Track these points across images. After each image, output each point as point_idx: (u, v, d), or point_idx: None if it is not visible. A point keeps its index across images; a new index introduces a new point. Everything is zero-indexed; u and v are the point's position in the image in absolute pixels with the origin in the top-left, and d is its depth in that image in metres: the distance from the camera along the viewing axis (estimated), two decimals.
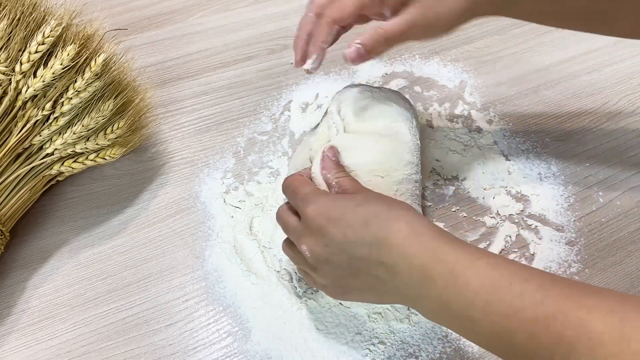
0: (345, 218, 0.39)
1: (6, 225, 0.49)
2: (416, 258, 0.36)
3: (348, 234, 0.38)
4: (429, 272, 0.35)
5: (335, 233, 0.38)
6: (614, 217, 0.55)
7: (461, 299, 0.34)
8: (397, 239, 0.37)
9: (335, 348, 0.46)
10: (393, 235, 0.37)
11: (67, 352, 0.46)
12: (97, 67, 0.49)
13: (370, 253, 0.37)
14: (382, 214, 0.38)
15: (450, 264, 0.35)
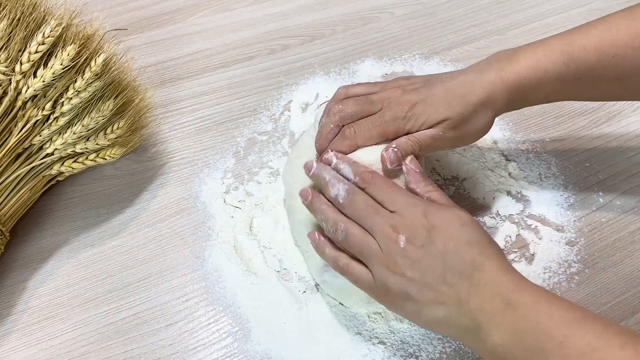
0: (449, 231, 0.39)
1: (6, 225, 0.49)
2: (505, 288, 0.36)
3: (449, 246, 0.38)
4: (513, 301, 0.36)
5: (437, 240, 0.39)
6: (614, 217, 0.55)
7: (540, 329, 0.34)
8: (493, 267, 0.38)
9: (335, 348, 0.46)
10: (490, 263, 0.38)
11: (67, 352, 0.46)
12: (97, 67, 0.49)
13: (463, 271, 0.38)
14: (484, 244, 0.39)
15: (537, 297, 0.36)
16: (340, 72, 0.69)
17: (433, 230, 0.39)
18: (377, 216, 0.41)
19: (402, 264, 0.39)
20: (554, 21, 0.77)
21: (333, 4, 0.79)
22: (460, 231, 0.39)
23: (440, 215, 0.40)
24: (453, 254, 0.38)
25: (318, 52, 0.72)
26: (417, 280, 0.39)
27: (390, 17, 0.78)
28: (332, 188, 0.44)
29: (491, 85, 0.46)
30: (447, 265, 0.38)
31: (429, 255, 0.39)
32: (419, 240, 0.39)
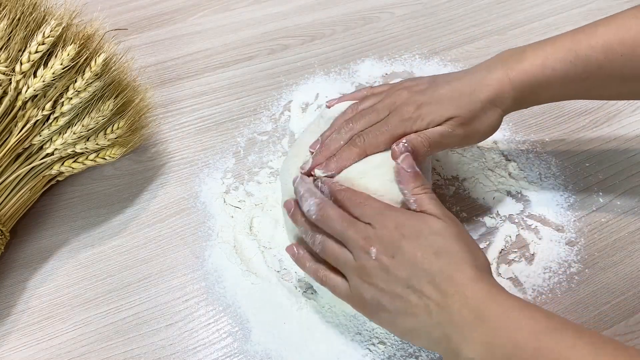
0: (418, 241, 0.39)
1: (6, 225, 0.49)
2: (473, 298, 0.36)
3: (418, 256, 0.38)
4: (482, 312, 0.35)
5: (407, 249, 0.39)
6: (614, 217, 0.55)
7: (510, 342, 0.34)
8: (461, 279, 0.37)
9: (335, 348, 0.46)
10: (459, 274, 0.37)
11: (67, 352, 0.46)
12: (97, 67, 0.49)
13: (431, 281, 0.37)
14: (454, 253, 0.38)
15: (506, 308, 0.35)
16: (340, 72, 0.69)
17: (403, 240, 0.39)
18: (350, 229, 0.41)
19: (374, 274, 0.39)
20: (554, 21, 0.77)
21: (333, 4, 0.79)
22: (430, 241, 0.39)
23: (411, 225, 0.40)
24: (421, 263, 0.38)
25: (318, 52, 0.72)
26: (388, 290, 0.39)
27: (390, 17, 0.78)
28: (304, 202, 0.44)
29: (499, 83, 0.45)
30: (415, 275, 0.38)
31: (399, 265, 0.39)
32: (390, 251, 0.39)
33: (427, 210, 0.41)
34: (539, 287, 0.50)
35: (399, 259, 0.39)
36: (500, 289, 0.37)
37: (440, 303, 0.37)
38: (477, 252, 0.40)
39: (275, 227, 0.54)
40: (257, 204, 0.56)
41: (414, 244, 0.39)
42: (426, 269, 0.38)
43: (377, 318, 0.41)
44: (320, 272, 0.44)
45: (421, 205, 0.42)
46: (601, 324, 0.48)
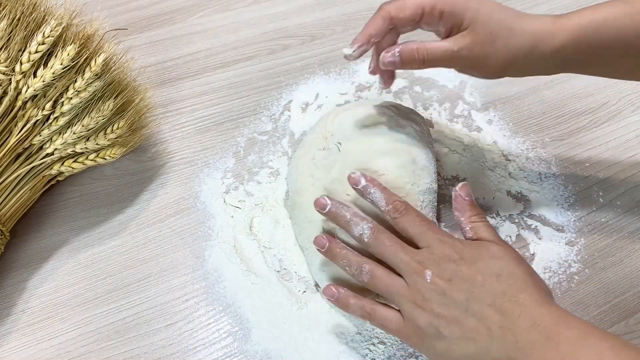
0: (478, 264, 0.38)
1: (6, 225, 0.49)
2: (543, 319, 0.34)
3: (477, 279, 0.37)
4: (553, 336, 0.33)
5: (464, 272, 0.38)
6: (614, 217, 0.55)
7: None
8: (527, 300, 0.36)
9: (335, 348, 0.46)
10: (524, 295, 0.36)
11: (67, 352, 0.46)
12: (97, 67, 0.49)
13: (493, 302, 0.36)
14: (517, 276, 0.37)
15: (582, 332, 0.33)
16: (340, 72, 0.69)
17: (461, 262, 0.38)
18: (403, 253, 0.40)
19: (429, 298, 0.38)
20: None
21: (333, 4, 0.79)
22: (490, 264, 0.38)
23: (469, 250, 0.39)
24: (481, 286, 0.37)
25: (318, 52, 0.72)
26: (445, 315, 0.37)
27: None
28: (354, 227, 0.42)
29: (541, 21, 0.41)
30: (475, 297, 0.37)
31: (457, 288, 0.37)
32: (447, 274, 0.38)
33: (485, 238, 0.40)
34: None
35: (456, 282, 0.37)
36: (570, 313, 0.35)
37: (503, 325, 0.35)
38: (539, 278, 0.38)
39: (275, 227, 0.54)
40: (257, 203, 0.56)
41: (473, 267, 0.38)
42: (487, 291, 0.36)
43: (432, 348, 0.38)
44: (367, 307, 0.41)
45: (478, 233, 0.41)
46: (601, 324, 0.48)
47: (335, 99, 0.66)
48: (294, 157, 0.56)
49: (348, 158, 0.49)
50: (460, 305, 0.37)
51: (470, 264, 0.38)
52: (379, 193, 0.43)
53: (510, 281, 0.37)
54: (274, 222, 0.54)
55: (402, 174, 0.48)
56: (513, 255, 0.39)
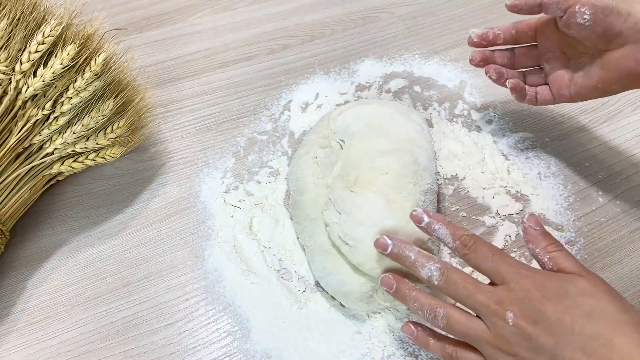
0: (565, 303, 0.35)
1: (6, 224, 0.49)
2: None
3: (565, 320, 0.34)
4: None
5: (550, 312, 0.35)
6: (613, 217, 0.55)
7: None
8: (624, 343, 0.32)
9: (335, 347, 0.46)
10: (620, 338, 0.33)
11: (67, 352, 0.46)
12: (97, 67, 0.49)
13: (584, 347, 0.33)
14: (611, 313, 0.34)
15: None
16: (340, 72, 0.69)
17: (545, 301, 0.35)
18: (479, 293, 0.37)
19: (514, 342, 0.35)
20: None
21: (333, 4, 0.79)
22: (578, 302, 0.34)
23: (554, 285, 0.36)
24: (571, 328, 0.34)
25: (318, 52, 0.72)
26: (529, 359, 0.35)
27: (390, 17, 0.78)
28: (422, 269, 0.40)
29: None
30: (564, 341, 0.34)
31: (543, 331, 0.34)
32: (531, 315, 0.35)
33: (566, 269, 0.37)
34: None
35: (542, 324, 0.34)
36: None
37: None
38: (634, 312, 0.35)
39: (275, 227, 0.54)
40: (257, 203, 0.56)
41: (560, 307, 0.34)
42: (578, 334, 0.33)
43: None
44: (449, 349, 0.39)
45: (558, 264, 0.38)
46: None
47: (335, 98, 0.66)
48: (295, 156, 0.56)
49: (350, 156, 0.49)
50: (548, 350, 0.34)
51: (556, 303, 0.35)
52: (444, 229, 0.41)
53: (603, 321, 0.34)
54: (274, 222, 0.54)
55: (404, 173, 0.48)
56: (604, 289, 0.36)
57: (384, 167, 0.48)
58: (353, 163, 0.49)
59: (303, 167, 0.52)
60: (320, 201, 0.49)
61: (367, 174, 0.47)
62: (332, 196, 0.48)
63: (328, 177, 0.50)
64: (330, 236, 0.47)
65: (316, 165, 0.52)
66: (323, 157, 0.52)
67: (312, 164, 0.52)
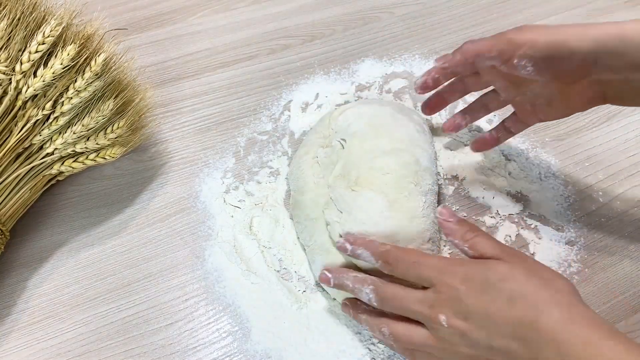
0: (488, 292, 0.35)
1: (6, 224, 0.49)
2: (570, 347, 0.31)
3: (491, 310, 0.35)
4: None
5: (477, 306, 0.35)
6: (614, 217, 0.55)
7: None
8: (548, 324, 0.33)
9: (335, 348, 0.46)
10: (543, 319, 0.33)
11: (67, 352, 0.46)
12: (97, 67, 0.49)
13: (514, 334, 0.34)
14: (531, 295, 0.34)
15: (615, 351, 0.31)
16: (340, 72, 0.69)
17: (471, 296, 0.36)
18: (412, 304, 0.39)
19: (454, 342, 0.37)
20: (554, 21, 0.77)
21: (333, 4, 0.79)
22: (501, 288, 0.35)
23: (477, 275, 0.37)
24: (497, 318, 0.35)
25: (318, 52, 0.72)
26: (473, 355, 0.36)
27: (390, 17, 0.78)
28: (360, 294, 0.42)
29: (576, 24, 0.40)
30: (495, 332, 0.35)
31: (474, 327, 0.35)
32: (461, 313, 0.36)
33: (487, 253, 0.38)
34: None
35: (472, 319, 0.36)
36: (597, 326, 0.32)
37: (532, 356, 0.33)
38: (555, 282, 0.36)
39: (275, 227, 0.54)
40: (257, 203, 0.56)
41: (485, 297, 0.35)
42: (504, 323, 0.34)
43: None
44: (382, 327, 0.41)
45: (478, 250, 0.39)
46: None
47: (335, 98, 0.66)
48: (296, 156, 0.56)
49: (351, 156, 0.49)
50: (484, 344, 0.35)
51: (480, 294, 0.36)
52: (366, 252, 0.42)
53: (524, 304, 0.34)
54: (274, 222, 0.54)
55: (405, 173, 0.48)
56: (521, 270, 0.36)
57: (385, 166, 0.48)
58: (354, 162, 0.49)
59: (303, 167, 0.53)
60: (321, 201, 0.49)
61: (368, 173, 0.48)
62: (333, 195, 0.48)
63: (329, 177, 0.50)
64: (332, 235, 0.47)
65: (317, 165, 0.52)
66: (324, 156, 0.52)
67: (313, 164, 0.52)
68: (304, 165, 0.53)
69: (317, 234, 0.48)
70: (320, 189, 0.50)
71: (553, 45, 0.40)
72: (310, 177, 0.51)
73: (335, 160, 0.50)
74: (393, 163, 0.48)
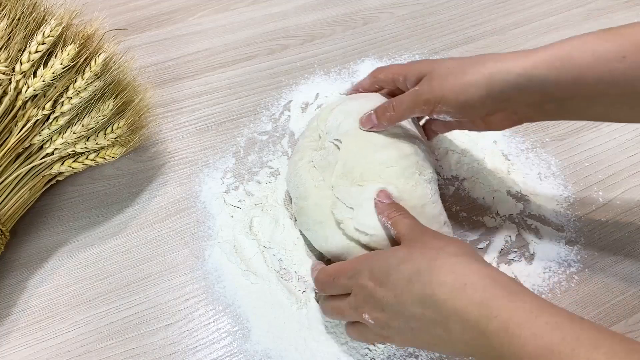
0: (391, 279, 0.38)
1: (6, 225, 0.49)
2: (467, 313, 0.33)
3: (397, 295, 0.37)
4: (483, 329, 0.32)
5: (386, 296, 0.38)
6: (614, 217, 0.55)
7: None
8: (444, 294, 0.34)
9: (335, 348, 0.46)
10: (438, 290, 0.35)
11: (67, 352, 0.46)
12: (97, 67, 0.49)
13: (423, 312, 0.36)
14: (424, 269, 0.36)
15: (504, 321, 0.32)
16: (340, 72, 0.69)
17: (379, 289, 0.38)
18: (342, 313, 0.43)
19: (385, 333, 0.40)
20: (554, 21, 0.77)
21: (333, 4, 0.79)
22: (398, 272, 0.38)
23: (379, 267, 0.39)
24: (404, 300, 0.37)
25: (318, 52, 0.72)
26: (405, 339, 0.39)
27: (390, 17, 0.78)
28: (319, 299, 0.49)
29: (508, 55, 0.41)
30: (409, 315, 0.37)
31: (392, 315, 0.38)
32: (377, 306, 0.39)
33: (401, 231, 0.42)
34: (539, 287, 0.50)
35: (388, 310, 0.38)
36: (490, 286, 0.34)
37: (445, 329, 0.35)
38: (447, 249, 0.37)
39: (275, 227, 0.54)
40: (257, 203, 0.56)
41: (390, 286, 0.38)
42: (411, 304, 0.36)
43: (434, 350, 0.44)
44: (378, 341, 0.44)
45: (397, 227, 0.42)
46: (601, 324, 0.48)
47: (335, 98, 0.66)
48: (290, 163, 0.55)
49: (349, 153, 0.49)
50: (405, 327, 0.38)
51: (386, 284, 0.38)
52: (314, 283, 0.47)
53: (421, 282, 0.36)
54: (274, 222, 0.54)
55: (407, 164, 0.48)
56: (417, 249, 0.38)
57: (387, 159, 0.48)
58: (354, 160, 0.48)
59: (301, 173, 0.52)
60: (325, 203, 0.49)
61: (372, 168, 0.47)
62: (340, 195, 0.48)
63: (329, 178, 0.49)
64: (347, 232, 0.47)
65: (314, 169, 0.51)
66: (320, 160, 0.51)
67: (310, 169, 0.51)
68: (301, 171, 0.52)
69: (331, 236, 0.48)
70: (322, 192, 0.50)
71: (462, 100, 0.42)
72: (309, 182, 0.51)
73: (332, 162, 0.50)
74: (394, 155, 0.48)
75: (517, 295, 0.33)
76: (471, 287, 0.34)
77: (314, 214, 0.49)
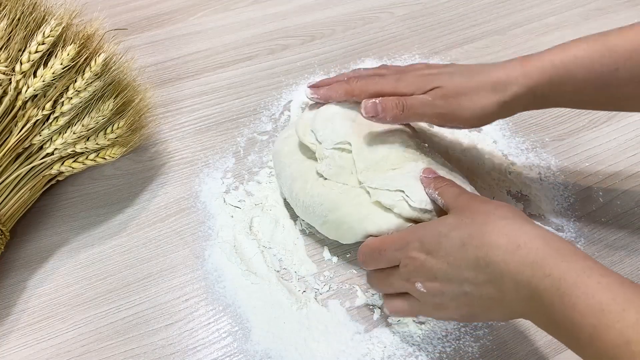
0: (442, 246, 0.38)
1: (6, 225, 0.49)
2: (520, 273, 0.34)
3: (450, 261, 0.38)
4: (535, 288, 0.33)
5: (438, 264, 0.38)
6: (614, 217, 0.55)
7: (567, 320, 0.31)
8: (497, 256, 0.35)
9: (335, 347, 0.46)
10: (492, 252, 0.35)
11: (67, 352, 0.46)
12: (97, 67, 0.49)
13: (477, 275, 0.36)
14: (476, 233, 0.37)
15: (556, 280, 0.32)
16: (340, 72, 0.69)
17: (430, 259, 0.39)
18: (392, 283, 0.43)
19: (438, 302, 0.40)
20: (554, 21, 0.77)
21: (333, 4, 0.79)
22: (450, 239, 0.38)
23: (429, 236, 0.39)
24: (457, 266, 0.37)
25: (318, 52, 0.72)
26: (459, 303, 0.39)
27: (390, 17, 0.78)
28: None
29: (507, 69, 0.44)
30: (460, 280, 0.37)
31: (445, 283, 0.38)
32: (430, 276, 0.39)
33: (448, 200, 0.42)
34: None
35: (440, 278, 0.38)
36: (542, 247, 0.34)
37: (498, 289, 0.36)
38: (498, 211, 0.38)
39: (275, 227, 0.54)
40: (257, 203, 0.56)
41: (441, 254, 0.38)
42: (465, 268, 0.37)
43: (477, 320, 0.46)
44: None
45: (444, 197, 0.42)
46: None
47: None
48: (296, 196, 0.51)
49: (364, 149, 0.48)
50: (459, 291, 0.38)
51: (437, 253, 0.38)
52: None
53: (474, 244, 0.36)
54: (274, 222, 0.54)
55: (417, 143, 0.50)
56: (467, 215, 0.39)
57: (399, 143, 0.49)
58: (372, 151, 0.48)
59: (317, 192, 0.49)
60: (361, 200, 0.47)
61: (395, 153, 0.48)
62: (377, 184, 0.46)
63: (350, 179, 0.48)
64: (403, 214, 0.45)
65: (326, 181, 0.49)
66: (327, 169, 0.48)
67: (323, 183, 0.49)
68: (315, 190, 0.49)
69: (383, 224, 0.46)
70: (351, 193, 0.47)
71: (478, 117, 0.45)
72: (334, 193, 0.48)
73: (344, 165, 0.48)
74: (403, 139, 0.49)
75: (569, 256, 0.33)
76: (524, 248, 0.34)
77: (354, 217, 0.47)
